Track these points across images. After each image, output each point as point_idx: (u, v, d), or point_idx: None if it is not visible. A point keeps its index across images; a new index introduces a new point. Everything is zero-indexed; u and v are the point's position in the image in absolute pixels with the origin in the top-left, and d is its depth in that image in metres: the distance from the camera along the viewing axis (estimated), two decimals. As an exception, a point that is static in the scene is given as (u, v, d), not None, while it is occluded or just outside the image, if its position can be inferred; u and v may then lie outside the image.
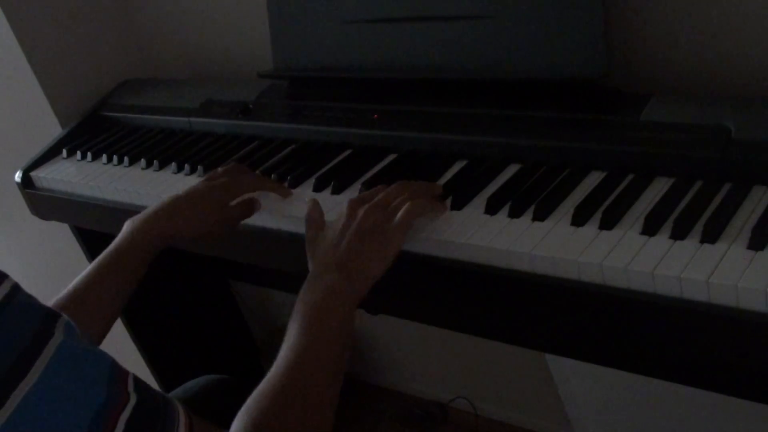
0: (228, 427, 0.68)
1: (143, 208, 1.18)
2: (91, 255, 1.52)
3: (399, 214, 0.85)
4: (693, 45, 0.97)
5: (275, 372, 0.72)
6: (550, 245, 0.80)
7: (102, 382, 0.57)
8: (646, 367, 0.90)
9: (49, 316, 0.57)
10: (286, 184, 1.06)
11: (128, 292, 0.94)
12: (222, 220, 0.99)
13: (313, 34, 1.21)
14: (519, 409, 1.67)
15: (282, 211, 1.02)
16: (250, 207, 1.02)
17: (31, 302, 0.57)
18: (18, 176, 1.41)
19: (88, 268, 0.93)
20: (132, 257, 0.93)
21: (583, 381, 1.36)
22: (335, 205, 0.99)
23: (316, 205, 0.92)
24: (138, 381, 0.61)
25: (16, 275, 0.58)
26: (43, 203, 1.40)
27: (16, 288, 0.56)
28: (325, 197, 1.02)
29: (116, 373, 0.59)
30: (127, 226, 0.96)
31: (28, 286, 0.58)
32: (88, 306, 0.90)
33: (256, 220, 1.03)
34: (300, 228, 1.00)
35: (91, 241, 1.51)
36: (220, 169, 1.06)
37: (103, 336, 0.91)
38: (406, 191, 0.90)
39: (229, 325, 1.88)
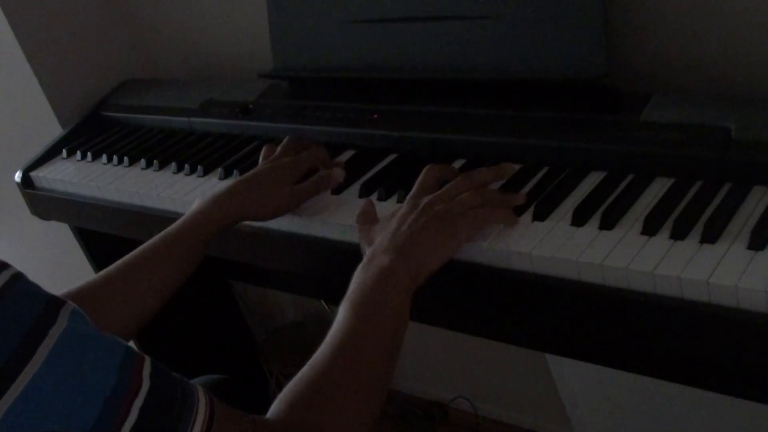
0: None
1: (143, 208, 1.19)
2: (91, 255, 1.52)
3: (478, 213, 0.82)
4: (693, 45, 0.97)
5: (321, 354, 0.70)
6: (550, 245, 0.80)
7: (112, 368, 0.57)
8: (646, 367, 0.90)
9: (52, 304, 0.57)
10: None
11: (177, 277, 0.92)
12: (292, 196, 0.98)
13: (313, 34, 1.21)
14: (519, 409, 1.67)
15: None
16: (325, 183, 1.01)
17: (33, 290, 0.57)
18: (18, 176, 1.41)
19: (140, 247, 0.92)
20: (197, 233, 0.93)
21: (583, 381, 1.36)
22: (335, 205, 0.99)
23: (369, 202, 0.92)
24: (155, 366, 0.60)
25: (16, 274, 0.58)
26: (43, 203, 1.40)
27: (16, 276, 0.56)
28: (325, 197, 1.02)
29: (130, 358, 0.59)
30: (196, 203, 0.96)
31: (28, 286, 0.58)
32: (112, 294, 0.88)
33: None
34: (300, 228, 1.00)
35: (91, 241, 1.51)
36: (279, 149, 1.04)
37: (134, 329, 0.89)
38: (475, 185, 0.87)
39: (229, 325, 1.88)
